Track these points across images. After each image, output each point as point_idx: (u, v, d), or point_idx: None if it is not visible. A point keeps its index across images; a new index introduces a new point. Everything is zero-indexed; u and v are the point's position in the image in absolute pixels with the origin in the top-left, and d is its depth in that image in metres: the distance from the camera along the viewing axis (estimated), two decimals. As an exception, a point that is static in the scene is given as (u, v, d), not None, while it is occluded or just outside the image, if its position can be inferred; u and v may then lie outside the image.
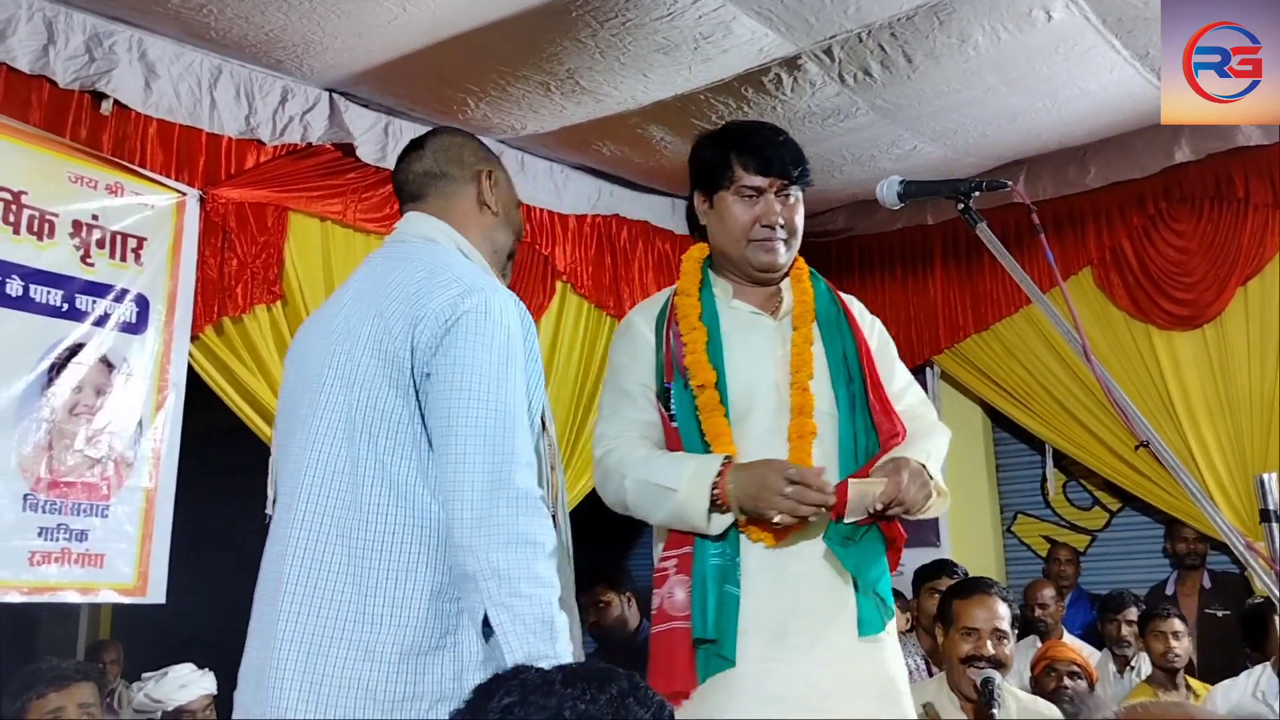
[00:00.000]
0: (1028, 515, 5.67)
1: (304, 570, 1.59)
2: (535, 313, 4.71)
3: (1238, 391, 4.87)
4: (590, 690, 0.97)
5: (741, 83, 4.05)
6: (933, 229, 5.60)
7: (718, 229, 2.06)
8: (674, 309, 2.05)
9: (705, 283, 2.08)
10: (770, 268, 2.04)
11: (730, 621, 1.79)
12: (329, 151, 4.07)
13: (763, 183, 2.01)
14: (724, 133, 2.08)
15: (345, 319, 1.74)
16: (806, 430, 1.91)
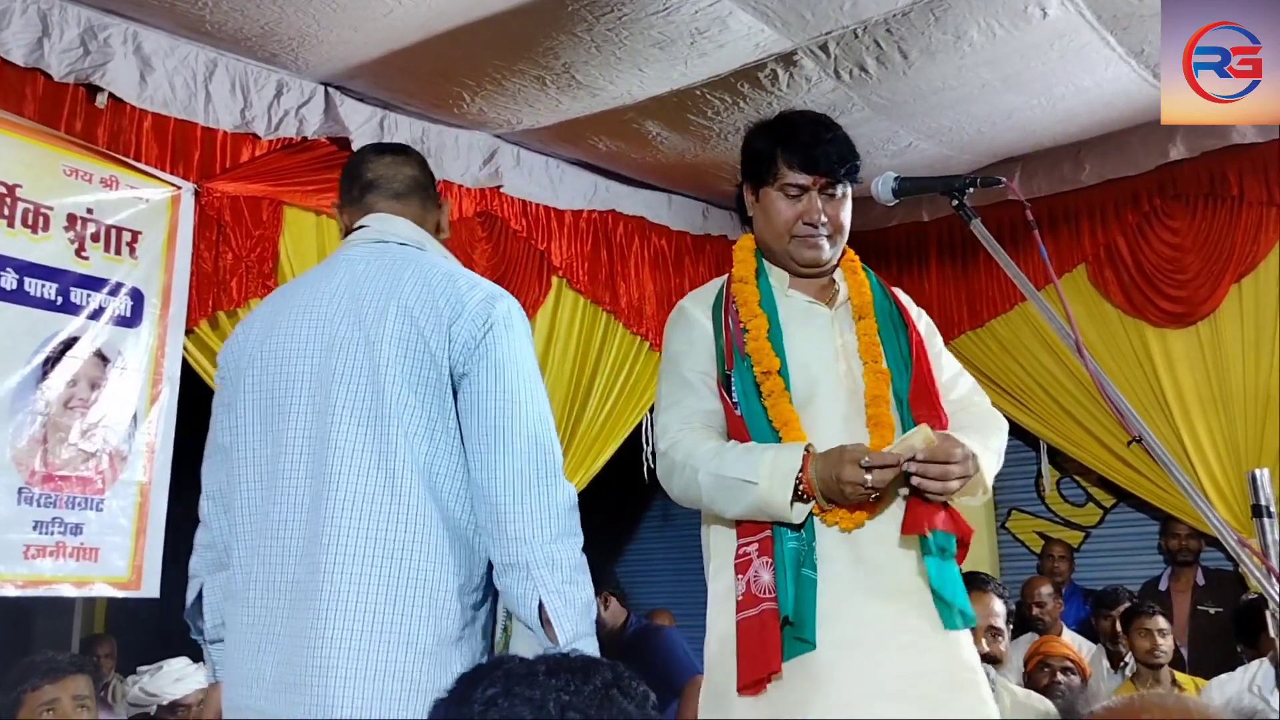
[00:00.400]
0: (1022, 511, 5.69)
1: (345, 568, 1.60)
2: (531, 308, 4.73)
3: (1231, 388, 4.89)
4: (575, 681, 0.96)
5: (738, 78, 4.05)
6: (928, 226, 5.60)
7: (762, 223, 2.06)
8: (731, 295, 2.04)
9: (760, 271, 2.07)
10: (813, 263, 2.04)
11: (809, 605, 1.79)
12: (324, 145, 4.06)
13: (806, 180, 1.99)
14: (773, 125, 2.07)
15: (350, 314, 1.75)
16: (886, 420, 1.91)
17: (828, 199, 2.01)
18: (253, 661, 1.66)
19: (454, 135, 4.46)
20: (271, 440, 1.74)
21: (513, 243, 4.70)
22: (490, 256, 4.62)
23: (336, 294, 1.79)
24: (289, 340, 1.77)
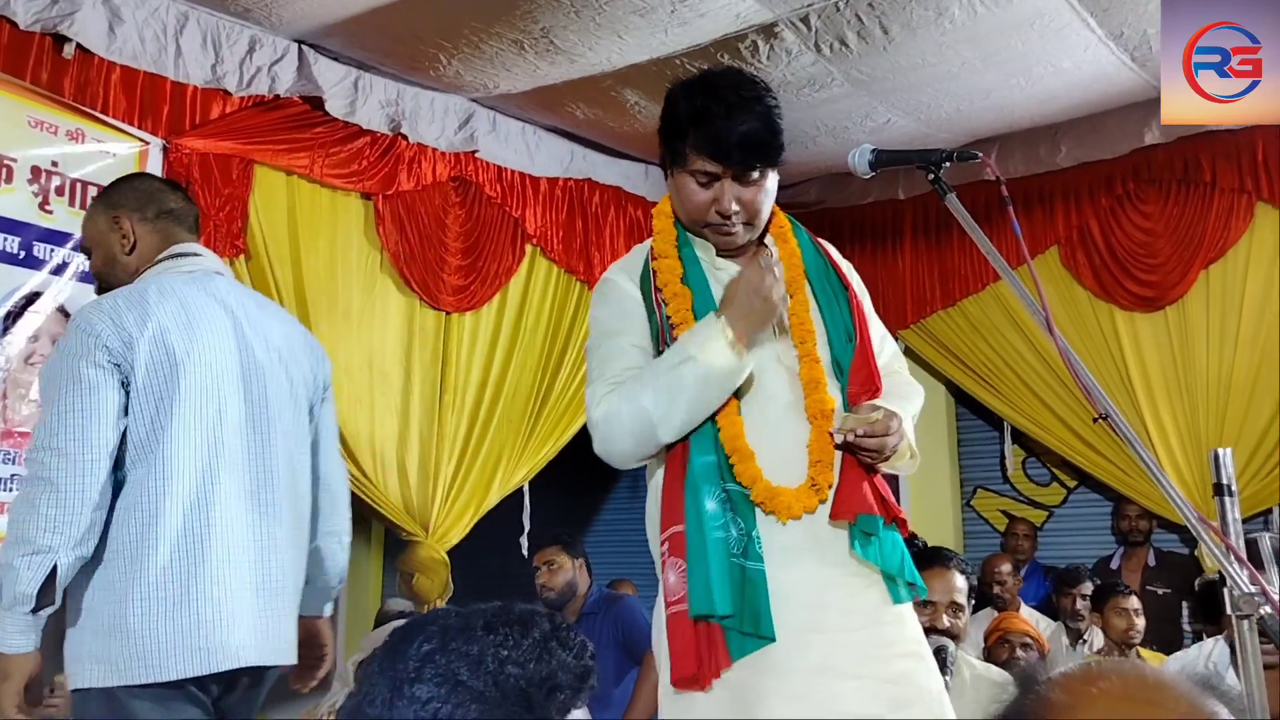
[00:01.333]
0: (987, 490, 5.74)
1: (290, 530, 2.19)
2: (503, 275, 4.70)
3: (1195, 373, 4.95)
4: (513, 635, 0.96)
5: (718, 49, 4.02)
6: (904, 204, 5.61)
7: (675, 202, 1.93)
8: (654, 274, 1.92)
9: (683, 241, 1.94)
10: (728, 248, 1.92)
11: (761, 599, 1.74)
12: (297, 104, 4.00)
13: (716, 169, 1.83)
14: (691, 94, 1.87)
15: (272, 345, 2.23)
16: (825, 407, 1.84)
17: (742, 184, 1.84)
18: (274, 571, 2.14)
19: (429, 98, 4.40)
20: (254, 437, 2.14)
21: (487, 209, 4.66)
22: (463, 222, 4.58)
23: (235, 315, 2.18)
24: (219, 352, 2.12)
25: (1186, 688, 0.77)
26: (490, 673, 0.93)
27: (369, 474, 4.20)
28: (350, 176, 4.18)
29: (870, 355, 1.92)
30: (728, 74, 1.89)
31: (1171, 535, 5.12)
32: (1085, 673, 0.80)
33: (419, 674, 0.93)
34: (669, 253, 1.93)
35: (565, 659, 0.96)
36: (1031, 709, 0.79)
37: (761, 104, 1.84)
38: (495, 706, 0.92)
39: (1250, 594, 1.41)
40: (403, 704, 0.93)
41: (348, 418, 4.13)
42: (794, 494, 1.80)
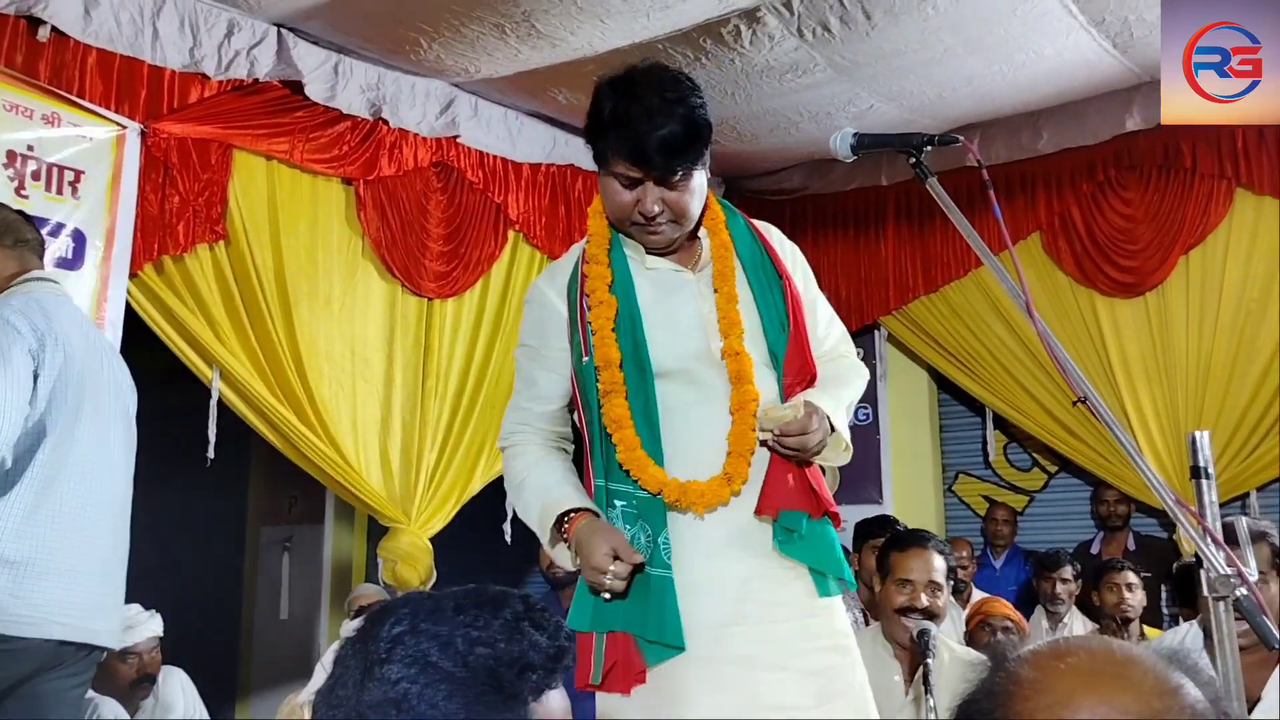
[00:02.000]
0: (969, 475, 5.77)
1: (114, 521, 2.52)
2: (485, 261, 4.68)
3: (1174, 358, 4.98)
4: (483, 616, 0.96)
5: (700, 33, 4.01)
6: (886, 190, 5.62)
7: (605, 200, 1.89)
8: (583, 278, 1.90)
9: (615, 242, 1.91)
10: (658, 247, 1.90)
11: (669, 606, 1.74)
12: (276, 89, 3.96)
13: (637, 173, 1.80)
14: (613, 94, 1.82)
15: (102, 354, 2.58)
16: (748, 399, 1.83)
17: (666, 186, 1.81)
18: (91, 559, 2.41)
19: (410, 83, 4.37)
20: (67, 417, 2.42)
21: (468, 195, 4.64)
22: (445, 208, 4.56)
23: (84, 329, 2.55)
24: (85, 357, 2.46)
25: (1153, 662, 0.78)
26: (459, 653, 0.93)
27: (351, 461, 4.18)
28: (331, 161, 4.15)
29: (805, 344, 1.92)
30: (651, 72, 1.85)
31: (1150, 519, 5.16)
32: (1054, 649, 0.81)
33: (389, 654, 0.93)
34: (599, 257, 1.91)
35: (537, 639, 0.96)
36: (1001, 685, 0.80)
37: (684, 104, 1.78)
38: (465, 686, 0.92)
39: (1226, 576, 1.42)
40: (373, 684, 0.93)
41: (330, 404, 4.11)
42: (705, 486, 1.79)
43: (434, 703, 0.91)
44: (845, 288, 5.75)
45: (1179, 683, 0.77)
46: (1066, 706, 0.75)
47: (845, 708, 1.78)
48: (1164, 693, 0.76)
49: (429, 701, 0.91)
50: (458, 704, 0.91)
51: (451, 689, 0.91)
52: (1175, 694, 0.76)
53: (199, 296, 3.76)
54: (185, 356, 3.75)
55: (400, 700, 0.91)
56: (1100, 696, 0.75)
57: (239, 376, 3.85)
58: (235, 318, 3.87)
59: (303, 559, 5.95)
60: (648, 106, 1.77)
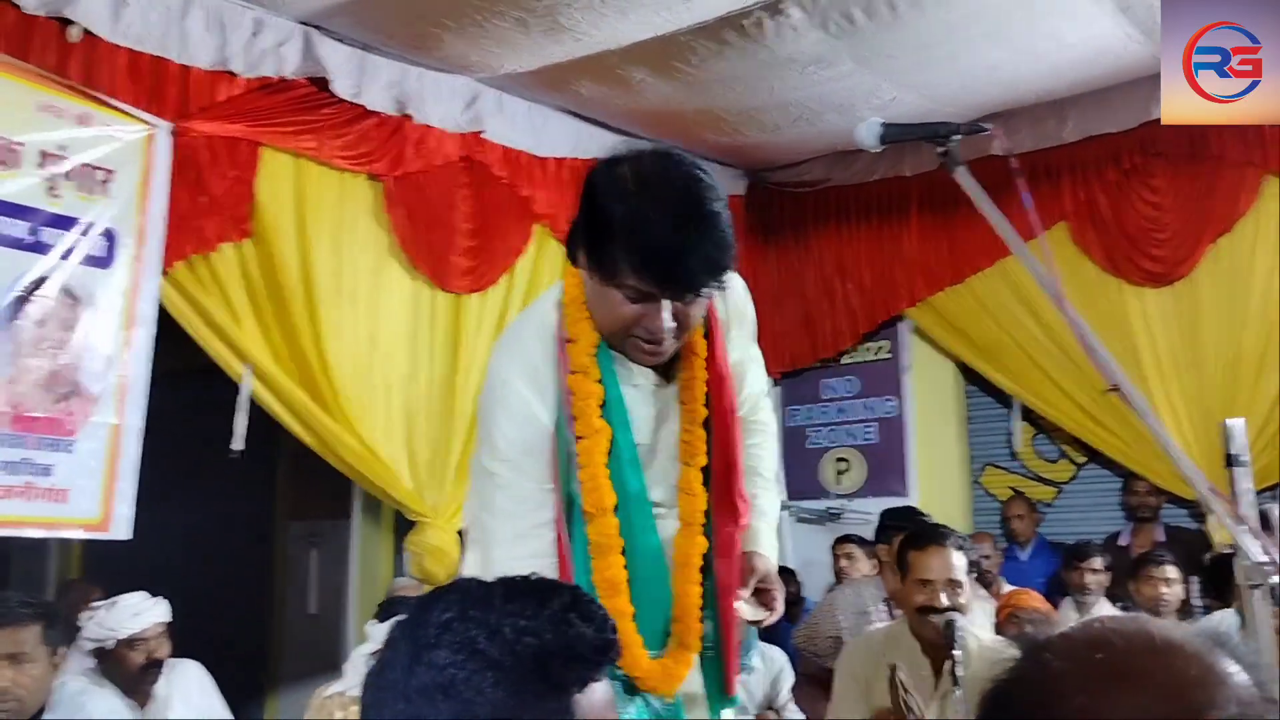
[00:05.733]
0: (996, 467, 5.74)
1: None
2: (512, 256, 4.70)
3: (1204, 348, 4.93)
4: (531, 605, 0.97)
5: (723, 26, 4.01)
6: (910, 180, 5.58)
7: (596, 306, 1.62)
8: (568, 390, 1.65)
9: (602, 350, 1.66)
10: (649, 365, 1.68)
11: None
12: (303, 86, 3.99)
13: (654, 290, 1.54)
14: (624, 198, 1.54)
15: None
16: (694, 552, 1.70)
17: (682, 302, 1.57)
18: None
19: (435, 78, 4.39)
20: None
21: (494, 190, 4.65)
22: (471, 203, 4.58)
23: None
24: None
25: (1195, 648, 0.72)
26: (507, 641, 0.94)
27: (379, 456, 4.21)
28: (357, 158, 4.17)
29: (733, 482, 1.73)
30: (669, 167, 1.57)
31: (1181, 510, 5.11)
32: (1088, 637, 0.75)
33: (438, 640, 0.95)
34: (589, 368, 1.64)
35: (584, 631, 0.97)
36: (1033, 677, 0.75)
37: (710, 216, 1.53)
38: (511, 674, 0.93)
39: (1261, 563, 1.41)
40: (421, 669, 0.94)
41: (358, 400, 4.14)
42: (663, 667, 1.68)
43: (480, 689, 0.92)
44: (870, 280, 5.73)
45: (1225, 670, 0.71)
46: (1104, 699, 0.69)
47: None
48: (1208, 683, 0.69)
49: (475, 688, 0.92)
50: (504, 692, 0.92)
51: (498, 677, 0.92)
52: (1221, 683, 0.69)
53: (229, 293, 3.79)
54: (216, 353, 3.79)
55: (447, 686, 0.92)
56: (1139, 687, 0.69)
57: (269, 373, 3.88)
58: (265, 314, 3.90)
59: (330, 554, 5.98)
60: (672, 216, 1.51)
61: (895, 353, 5.84)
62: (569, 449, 1.64)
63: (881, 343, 5.87)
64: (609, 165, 1.60)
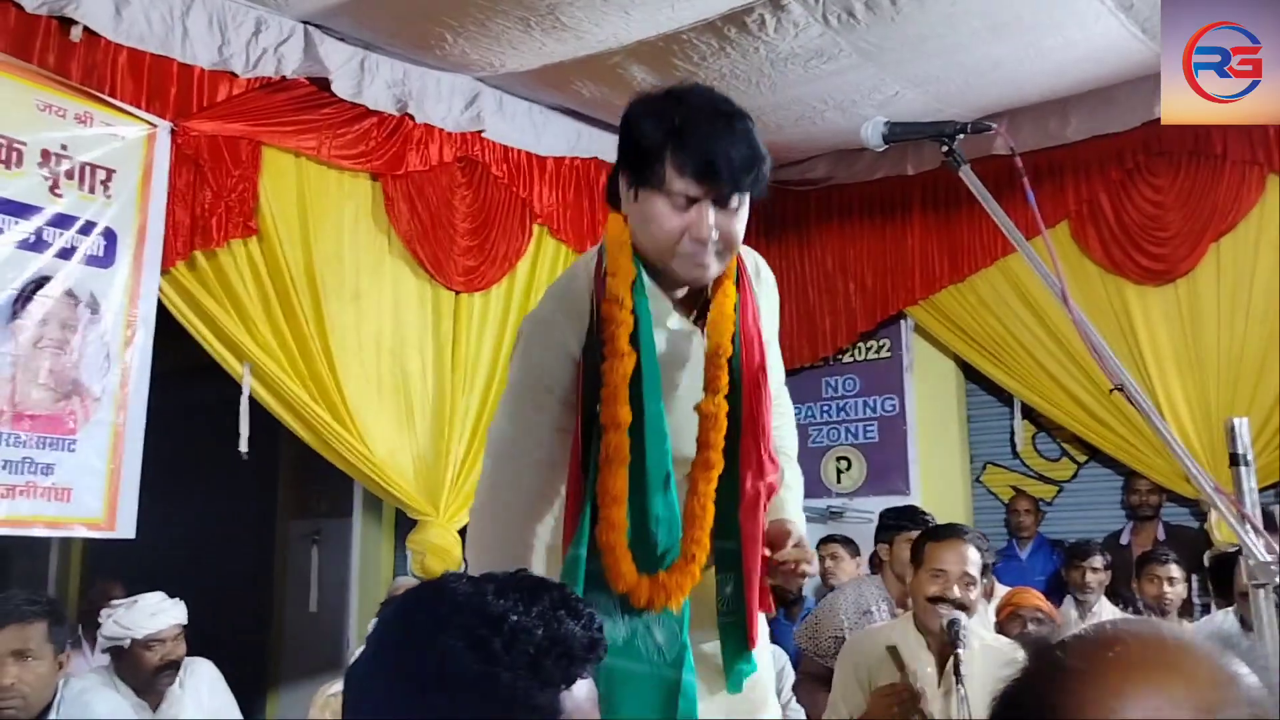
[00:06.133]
0: (997, 465, 5.74)
1: None
2: (512, 255, 4.69)
3: (1205, 346, 4.93)
4: (522, 602, 0.98)
5: (725, 23, 4.00)
6: (912, 179, 5.58)
7: (640, 228, 1.70)
8: (603, 317, 1.70)
9: (639, 289, 1.72)
10: (696, 283, 1.74)
11: None
12: (303, 85, 3.99)
13: (699, 191, 1.63)
14: (664, 113, 1.67)
15: None
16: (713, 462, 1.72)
17: (720, 210, 1.65)
18: None
19: (435, 78, 4.39)
20: None
21: (494, 189, 4.65)
22: (472, 203, 4.58)
23: None
24: None
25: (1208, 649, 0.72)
26: (501, 635, 0.95)
27: (380, 455, 4.21)
28: (358, 157, 4.17)
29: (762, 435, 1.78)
30: (699, 89, 1.72)
31: (1182, 509, 5.11)
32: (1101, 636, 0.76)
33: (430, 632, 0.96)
34: (624, 299, 1.70)
35: (573, 628, 0.98)
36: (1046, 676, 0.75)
37: (744, 123, 1.67)
38: (507, 667, 0.94)
39: (1266, 563, 1.41)
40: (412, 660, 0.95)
41: (359, 398, 4.14)
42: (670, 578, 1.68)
43: (473, 683, 0.93)
44: (871, 278, 5.73)
45: (1235, 671, 0.71)
46: (1116, 698, 0.70)
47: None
48: (1219, 683, 0.70)
49: (468, 681, 0.93)
50: (498, 686, 0.93)
51: (490, 670, 0.93)
52: (1231, 684, 0.70)
53: (230, 293, 3.79)
54: (216, 352, 3.79)
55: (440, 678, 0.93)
56: (1152, 687, 0.70)
57: (269, 372, 3.88)
58: (265, 313, 3.91)
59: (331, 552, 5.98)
60: (711, 120, 1.64)
61: (896, 351, 5.84)
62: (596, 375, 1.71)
63: (883, 341, 5.88)
64: (644, 97, 1.75)
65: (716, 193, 1.64)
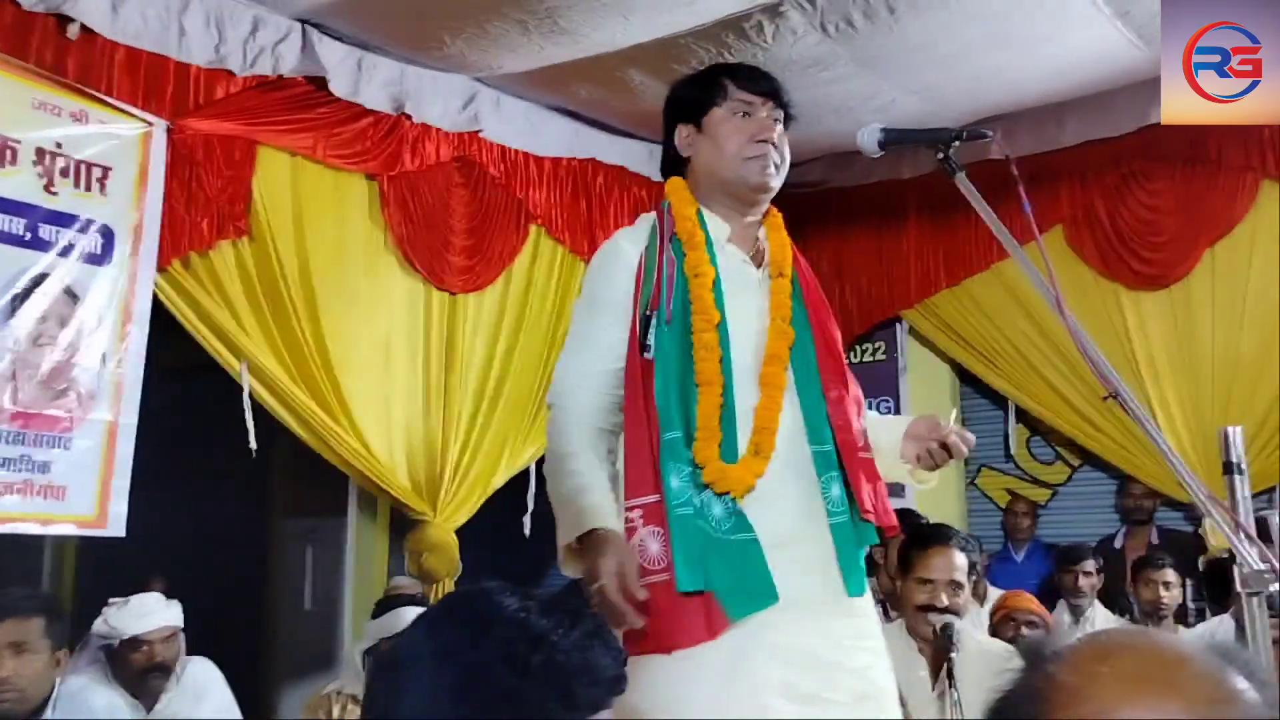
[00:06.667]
0: (991, 469, 5.75)
1: None
2: (508, 256, 4.69)
3: (1200, 352, 4.94)
4: (562, 625, 1.00)
5: (723, 28, 4.00)
6: (908, 183, 5.58)
7: (709, 151, 2.00)
8: (669, 236, 1.96)
9: (700, 216, 2.00)
10: (763, 189, 2.00)
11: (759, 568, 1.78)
12: (300, 84, 3.99)
13: (756, 99, 2.00)
14: (708, 67, 2.08)
15: None
16: (778, 380, 1.89)
17: (775, 117, 2.02)
18: None
19: (433, 78, 4.39)
20: None
21: (491, 189, 4.65)
22: (468, 203, 4.58)
23: None
24: None
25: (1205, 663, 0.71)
26: (540, 654, 0.97)
27: (376, 454, 4.21)
28: (354, 157, 4.17)
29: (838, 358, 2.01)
30: None
31: (1175, 513, 5.12)
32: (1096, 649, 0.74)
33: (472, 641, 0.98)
34: (693, 217, 1.98)
35: (605, 660, 1.01)
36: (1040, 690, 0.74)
37: None
38: (538, 686, 0.96)
39: (1260, 571, 1.42)
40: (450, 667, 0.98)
41: (355, 398, 4.14)
42: (739, 469, 1.83)
43: (507, 694, 0.95)
44: (867, 281, 5.74)
45: (1234, 688, 0.70)
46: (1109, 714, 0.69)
47: (875, 709, 1.79)
48: (1216, 700, 0.69)
49: (503, 692, 0.95)
50: (529, 703, 0.96)
51: (526, 685, 0.96)
52: (1230, 702, 0.69)
53: (226, 291, 3.79)
54: (213, 350, 3.78)
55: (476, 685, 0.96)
56: (1146, 705, 0.68)
57: (266, 370, 3.88)
58: (261, 312, 3.90)
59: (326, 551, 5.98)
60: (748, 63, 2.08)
61: (891, 354, 5.85)
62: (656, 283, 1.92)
63: (878, 344, 5.88)
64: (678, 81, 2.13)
65: (770, 99, 2.01)
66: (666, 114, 2.10)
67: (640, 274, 1.94)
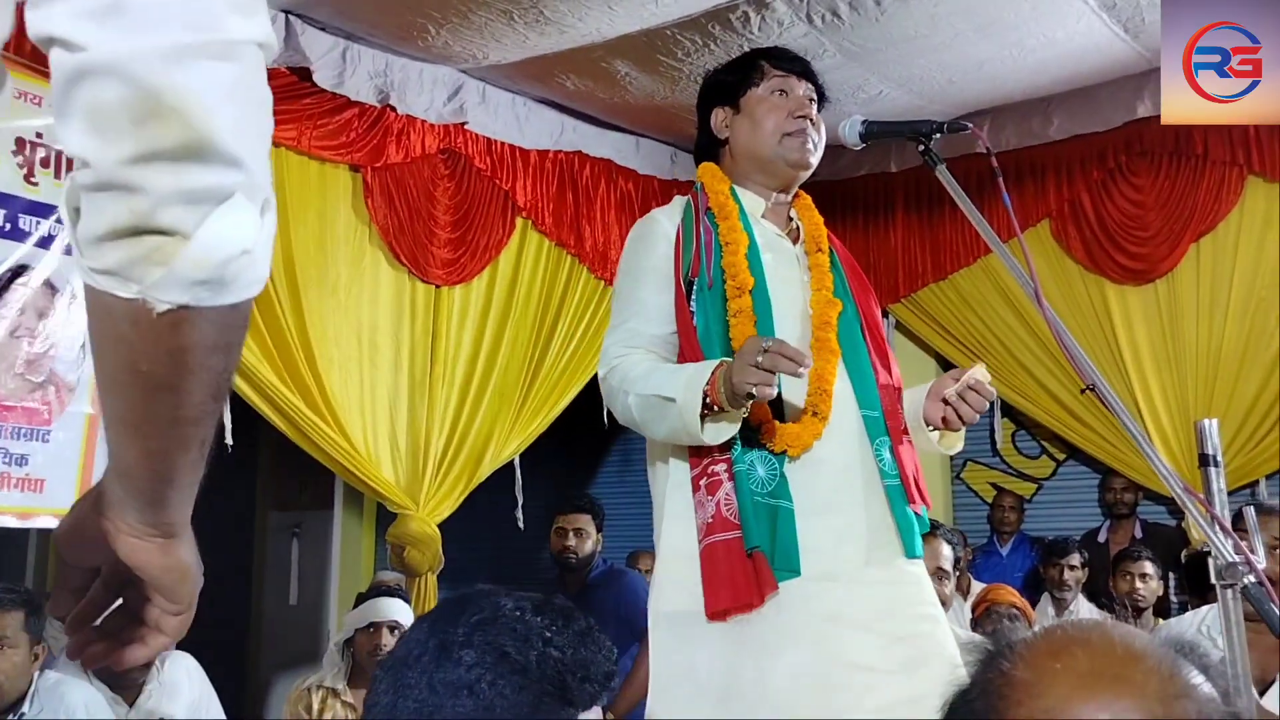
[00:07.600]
0: (977, 463, 5.76)
1: None
2: (493, 248, 4.67)
3: (1184, 346, 4.97)
4: (558, 622, 1.03)
5: (709, 19, 3.99)
6: (895, 176, 5.59)
7: (747, 131, 2.04)
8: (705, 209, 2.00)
9: (734, 193, 2.05)
10: (802, 164, 2.05)
11: (790, 536, 1.79)
12: (283, 75, 3.96)
13: (792, 78, 2.05)
14: (744, 54, 2.15)
15: None
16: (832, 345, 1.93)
17: (808, 95, 2.06)
18: None
19: (418, 69, 4.37)
20: None
21: (476, 182, 4.63)
22: (453, 195, 4.56)
23: None
24: None
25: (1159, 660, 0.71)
26: (535, 651, 1.00)
27: (359, 448, 4.19)
28: (338, 148, 4.15)
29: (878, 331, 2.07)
30: None
31: (1159, 507, 5.15)
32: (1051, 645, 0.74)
33: (468, 640, 1.00)
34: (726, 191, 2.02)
35: (598, 656, 1.04)
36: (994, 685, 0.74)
37: None
38: (534, 683, 0.99)
39: (1234, 563, 1.42)
40: (448, 665, 0.99)
41: (338, 391, 4.12)
42: (799, 428, 1.85)
43: (503, 693, 0.97)
44: (853, 275, 5.74)
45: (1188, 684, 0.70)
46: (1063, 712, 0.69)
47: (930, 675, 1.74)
48: (1167, 697, 0.68)
49: (499, 691, 0.97)
50: (526, 699, 0.98)
51: (521, 683, 0.98)
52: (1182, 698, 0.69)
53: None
54: (194, 343, 3.76)
55: (472, 685, 0.98)
56: (1099, 702, 0.68)
57: (248, 363, 3.85)
58: (244, 304, 3.87)
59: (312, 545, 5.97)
60: None
61: (878, 348, 5.86)
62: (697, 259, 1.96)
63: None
64: None
65: (806, 79, 2.07)
66: (701, 100, 2.14)
67: (680, 245, 1.98)
